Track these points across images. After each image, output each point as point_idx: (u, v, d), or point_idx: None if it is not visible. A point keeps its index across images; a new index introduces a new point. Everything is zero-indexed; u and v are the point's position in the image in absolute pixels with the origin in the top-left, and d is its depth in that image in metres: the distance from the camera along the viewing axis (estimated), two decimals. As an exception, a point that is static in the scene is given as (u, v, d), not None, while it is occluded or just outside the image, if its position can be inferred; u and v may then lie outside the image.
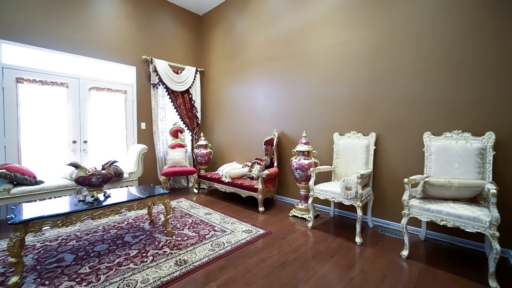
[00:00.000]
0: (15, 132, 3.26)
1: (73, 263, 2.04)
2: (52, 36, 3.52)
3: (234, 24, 4.69)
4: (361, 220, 2.43)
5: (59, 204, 2.17)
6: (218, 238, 2.51)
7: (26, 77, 3.33)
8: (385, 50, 2.83)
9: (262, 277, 1.88)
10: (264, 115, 4.19)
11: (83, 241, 2.45)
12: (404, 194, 2.18)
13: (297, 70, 3.69)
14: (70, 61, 3.73)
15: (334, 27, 3.26)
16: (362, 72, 3.02)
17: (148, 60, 4.51)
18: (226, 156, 4.98)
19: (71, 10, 3.69)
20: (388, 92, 2.83)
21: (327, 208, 3.40)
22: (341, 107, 3.22)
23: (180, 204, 3.72)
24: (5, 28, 3.16)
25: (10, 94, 3.22)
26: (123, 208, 2.29)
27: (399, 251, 2.26)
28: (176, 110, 4.90)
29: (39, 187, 2.93)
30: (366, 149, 2.89)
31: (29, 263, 2.05)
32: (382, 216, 2.91)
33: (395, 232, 2.68)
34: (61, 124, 3.66)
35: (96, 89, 3.98)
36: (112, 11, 4.13)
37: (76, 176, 2.24)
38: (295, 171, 3.09)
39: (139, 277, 1.85)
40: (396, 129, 2.78)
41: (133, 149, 4.00)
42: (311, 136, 3.53)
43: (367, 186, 2.81)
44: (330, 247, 2.37)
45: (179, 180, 4.92)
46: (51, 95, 3.56)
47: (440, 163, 2.36)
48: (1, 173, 2.74)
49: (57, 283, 1.78)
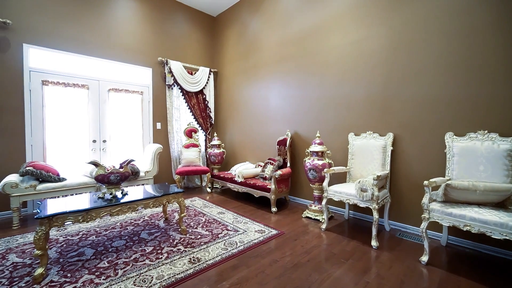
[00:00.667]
0: (41, 132, 3.45)
1: (92, 258, 2.13)
2: (75, 40, 3.69)
3: (247, 24, 4.70)
4: (377, 223, 2.35)
5: (80, 201, 2.27)
6: (231, 238, 2.52)
7: (51, 80, 3.51)
8: (403, 47, 2.73)
9: (275, 277, 1.87)
10: (277, 115, 4.17)
11: (102, 237, 2.55)
12: (424, 197, 2.09)
13: (310, 70, 3.64)
14: (90, 63, 3.89)
15: (348, 25, 3.18)
16: (379, 70, 2.93)
17: (163, 62, 4.62)
18: (239, 156, 5.01)
19: (92, 15, 3.85)
20: (407, 91, 2.72)
21: (341, 210, 3.33)
22: (357, 106, 3.14)
23: (193, 203, 3.78)
24: (32, 34, 3.35)
25: (37, 96, 3.41)
26: (139, 206, 2.36)
27: (418, 256, 2.17)
28: (190, 110, 4.99)
29: (62, 184, 3.08)
30: (383, 150, 2.79)
31: (53, 256, 2.16)
32: (399, 220, 2.81)
33: (414, 237, 2.57)
34: (82, 124, 3.83)
35: (114, 91, 4.13)
36: (130, 15, 4.27)
37: (96, 174, 2.34)
38: (308, 171, 3.05)
39: (155, 273, 1.89)
40: (415, 129, 2.67)
41: (149, 148, 4.11)
42: (325, 136, 3.47)
43: (384, 188, 2.72)
44: (345, 250, 2.31)
45: (193, 179, 5.00)
46: (73, 96, 3.74)
47: (463, 165, 2.24)
48: (28, 170, 2.91)
49: (78, 276, 1.86)
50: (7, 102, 3.19)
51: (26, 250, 2.27)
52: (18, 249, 2.28)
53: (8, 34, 3.18)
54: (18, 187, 2.79)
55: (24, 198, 2.85)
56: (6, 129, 3.19)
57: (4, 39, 3.15)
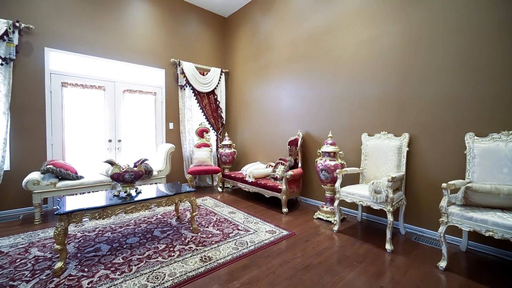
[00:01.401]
0: (60, 131, 3.60)
1: (108, 253, 2.19)
2: (92, 43, 3.83)
3: (258, 24, 4.70)
4: (391, 226, 2.29)
5: (96, 198, 2.35)
6: (241, 237, 2.53)
7: (70, 82, 3.66)
8: (420, 44, 2.63)
9: (286, 278, 1.86)
10: (288, 115, 4.14)
11: (117, 233, 2.62)
12: (442, 200, 2.01)
13: (322, 69, 3.59)
14: (106, 65, 4.02)
15: (363, 23, 3.11)
16: (394, 68, 2.85)
17: (176, 63, 4.70)
18: (249, 156, 5.02)
19: (108, 19, 3.98)
20: (424, 89, 2.63)
21: (354, 211, 3.26)
22: (370, 106, 3.07)
23: (205, 202, 3.82)
24: (53, 38, 3.50)
25: (56, 97, 3.56)
26: (152, 204, 2.41)
27: (435, 261, 2.08)
28: (202, 111, 5.05)
29: (80, 182, 3.20)
30: (398, 151, 2.71)
31: (71, 250, 2.24)
32: (415, 223, 2.71)
33: (431, 241, 2.48)
34: (99, 124, 3.97)
35: (129, 91, 4.25)
36: (144, 18, 4.38)
37: (112, 173, 2.41)
38: (320, 172, 3.00)
39: (167, 270, 1.93)
40: (433, 130, 2.57)
41: (161, 148, 4.20)
42: (337, 136, 3.41)
43: (399, 190, 2.64)
44: (358, 252, 2.26)
45: (204, 179, 5.05)
46: (90, 97, 3.88)
47: (485, 167, 2.13)
48: (49, 168, 3.04)
49: (94, 270, 1.92)
50: (30, 103, 3.35)
51: (47, 244, 2.38)
52: (39, 243, 2.39)
53: (31, 39, 3.34)
54: (39, 184, 2.93)
55: (45, 195, 2.98)
56: (29, 129, 3.35)
57: (27, 43, 3.32)
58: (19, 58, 3.25)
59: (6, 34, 3.05)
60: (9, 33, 3.07)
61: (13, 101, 3.21)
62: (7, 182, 3.19)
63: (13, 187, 3.24)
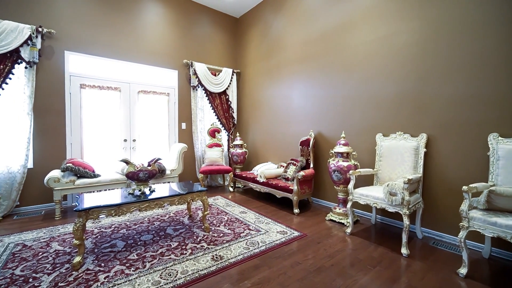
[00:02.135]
0: (79, 131, 3.75)
1: (123, 249, 2.26)
2: (109, 45, 3.96)
3: (270, 24, 4.69)
4: (408, 230, 2.21)
5: (112, 196, 2.42)
6: (252, 237, 2.53)
7: (88, 83, 3.80)
8: (439, 41, 2.53)
9: (297, 280, 1.84)
10: (300, 115, 4.10)
11: (132, 230, 2.69)
12: (462, 204, 1.92)
13: (335, 68, 3.53)
14: (122, 67, 4.15)
15: (378, 20, 3.03)
16: (411, 67, 2.75)
17: (188, 64, 4.78)
18: (261, 156, 5.01)
19: (124, 22, 4.11)
20: (443, 88, 2.52)
21: (367, 214, 3.18)
22: (385, 105, 2.98)
23: (216, 201, 3.85)
24: (72, 41, 3.65)
25: (75, 98, 3.71)
26: (165, 203, 2.45)
27: (455, 268, 1.99)
28: (213, 111, 5.10)
29: (97, 180, 3.32)
30: (415, 152, 2.61)
31: (89, 246, 2.33)
32: (433, 227, 2.61)
33: (451, 246, 2.37)
34: (114, 124, 4.10)
35: (143, 92, 4.36)
36: (157, 20, 4.48)
37: (127, 171, 2.48)
38: (332, 173, 2.95)
39: (179, 268, 1.96)
40: (453, 130, 2.46)
41: (174, 147, 4.27)
42: (350, 136, 3.34)
43: (416, 192, 2.54)
44: (372, 256, 2.20)
45: (215, 178, 5.10)
46: (107, 98, 4.01)
47: (510, 170, 2.02)
48: (68, 167, 3.18)
49: (110, 266, 1.99)
50: (52, 105, 3.51)
51: (66, 239, 2.48)
52: (59, 238, 2.50)
53: (52, 43, 3.50)
54: (60, 181, 3.06)
55: (64, 192, 3.11)
56: (50, 129, 3.52)
57: (49, 47, 3.48)
58: (41, 61, 3.41)
59: (30, 39, 3.21)
60: (32, 38, 3.23)
61: (36, 103, 3.37)
62: (30, 180, 3.36)
63: (36, 184, 3.40)
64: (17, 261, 2.05)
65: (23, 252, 2.20)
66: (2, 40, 3.04)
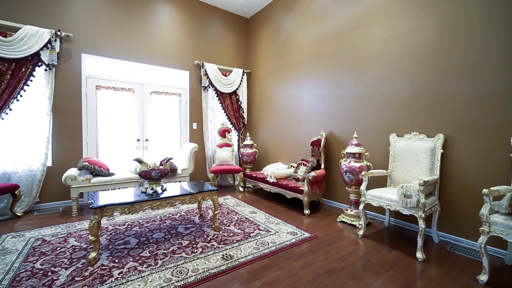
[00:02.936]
0: (94, 131, 3.87)
1: (136, 247, 2.31)
2: (123, 48, 4.07)
3: (281, 23, 4.66)
4: (423, 233, 2.13)
5: (126, 194, 2.49)
6: (262, 237, 2.52)
7: (103, 85, 3.92)
8: (457, 38, 2.43)
9: (308, 282, 1.81)
10: (311, 115, 4.06)
11: (144, 228, 2.75)
12: (482, 208, 1.83)
13: (348, 67, 3.46)
14: (135, 69, 4.25)
15: (392, 17, 2.95)
16: (427, 64, 2.66)
17: (199, 65, 4.83)
18: (271, 156, 5.00)
19: (137, 24, 4.21)
20: (462, 86, 2.42)
21: (381, 216, 3.10)
22: (400, 105, 2.89)
23: (226, 201, 3.87)
24: (88, 44, 3.78)
25: (91, 99, 3.84)
26: (177, 201, 2.49)
27: (475, 274, 1.90)
28: (224, 111, 5.13)
29: (111, 178, 3.41)
30: (431, 153, 2.52)
31: (103, 242, 2.40)
32: (451, 231, 2.51)
33: (469, 252, 2.27)
34: (128, 124, 4.20)
35: (156, 93, 4.45)
36: (170, 22, 4.56)
37: (140, 170, 2.53)
38: (344, 174, 2.90)
39: (190, 266, 1.98)
40: (472, 130, 2.36)
41: (185, 147, 4.33)
42: (363, 137, 3.27)
43: (432, 195, 2.45)
44: (385, 259, 2.14)
45: (226, 178, 5.13)
46: (121, 99, 4.12)
47: (535, 172, 1.91)
48: (84, 165, 3.29)
49: (124, 262, 2.04)
50: (70, 106, 3.65)
51: (82, 235, 2.57)
52: (76, 234, 2.59)
53: (70, 46, 3.64)
54: (76, 179, 3.17)
55: (81, 190, 3.23)
56: (68, 129, 3.65)
57: (67, 50, 3.61)
58: (59, 64, 3.55)
59: (50, 42, 3.35)
60: (52, 41, 3.36)
61: (54, 103, 3.51)
62: (49, 177, 3.51)
63: (54, 182, 3.55)
64: (37, 255, 2.14)
65: (42, 247, 2.30)
66: (25, 44, 3.19)
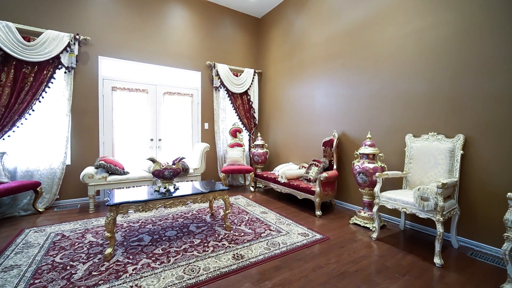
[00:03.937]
0: (110, 131, 4.00)
1: (149, 244, 2.36)
2: (137, 49, 4.18)
3: (292, 23, 4.63)
4: (442, 238, 2.04)
5: (140, 192, 2.55)
6: (273, 238, 2.51)
7: (118, 86, 4.04)
8: (479, 34, 2.31)
9: (319, 284, 1.78)
10: (323, 114, 4.00)
11: (157, 226, 2.81)
12: (507, 213, 1.73)
13: (361, 66, 3.38)
14: (149, 70, 4.35)
15: (408, 13, 2.85)
16: (446, 62, 2.55)
17: (211, 65, 4.88)
18: (282, 156, 4.97)
19: (151, 26, 4.30)
20: (483, 85, 2.30)
21: (396, 219, 3.01)
22: (416, 104, 2.79)
23: (237, 201, 3.89)
24: (105, 47, 3.91)
25: (107, 100, 3.96)
26: (189, 200, 2.53)
27: (497, 282, 1.81)
28: (235, 111, 5.15)
29: (126, 177, 3.51)
30: (450, 154, 2.42)
31: (119, 239, 2.47)
32: (471, 236, 2.39)
33: (492, 259, 2.16)
34: (142, 124, 4.31)
35: (168, 94, 4.53)
36: (182, 23, 4.63)
37: (153, 169, 2.59)
38: (357, 175, 2.84)
39: (201, 264, 2.00)
40: (495, 131, 2.24)
41: (197, 147, 4.39)
42: (377, 137, 3.18)
43: (451, 198, 2.35)
44: (400, 264, 2.07)
45: (236, 178, 5.15)
46: (135, 100, 4.23)
47: None
48: (101, 164, 3.40)
49: (138, 259, 2.09)
50: (88, 106, 3.79)
51: (99, 231, 2.65)
52: (93, 230, 2.68)
53: (88, 49, 3.77)
54: (93, 177, 3.29)
55: (97, 187, 3.34)
56: (85, 129, 3.79)
57: (84, 53, 3.75)
58: (78, 66, 3.69)
59: (69, 45, 3.49)
60: (71, 44, 3.50)
61: (73, 104, 3.66)
62: (68, 175, 3.65)
63: (73, 179, 3.69)
64: (57, 250, 2.23)
65: (62, 242, 2.40)
66: (46, 47, 3.34)
